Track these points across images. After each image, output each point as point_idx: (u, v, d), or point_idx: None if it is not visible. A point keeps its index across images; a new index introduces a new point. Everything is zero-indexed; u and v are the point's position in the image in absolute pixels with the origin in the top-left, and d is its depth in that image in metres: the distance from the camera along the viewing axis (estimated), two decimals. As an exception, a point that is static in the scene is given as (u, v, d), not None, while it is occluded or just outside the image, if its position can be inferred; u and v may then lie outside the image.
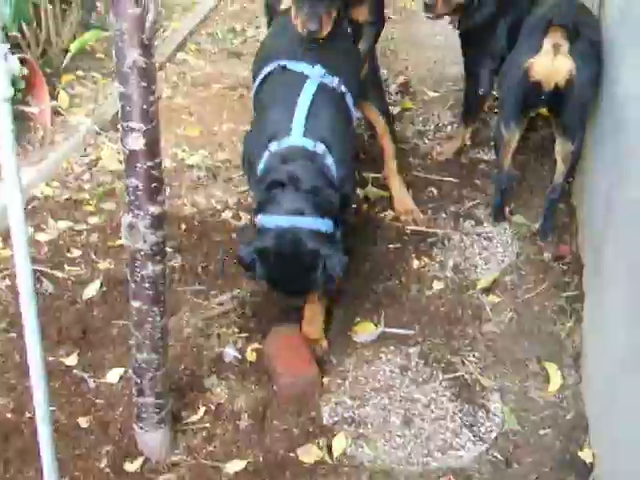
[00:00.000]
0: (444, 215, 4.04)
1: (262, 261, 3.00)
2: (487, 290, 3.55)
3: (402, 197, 4.01)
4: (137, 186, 2.39)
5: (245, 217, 4.03)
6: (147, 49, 2.22)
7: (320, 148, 3.08)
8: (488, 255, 3.76)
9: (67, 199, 4.21)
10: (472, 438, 2.86)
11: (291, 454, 2.86)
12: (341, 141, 3.17)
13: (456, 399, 3.01)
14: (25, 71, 4.35)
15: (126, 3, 2.15)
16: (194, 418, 3.00)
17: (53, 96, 4.81)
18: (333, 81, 3.30)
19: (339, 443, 2.85)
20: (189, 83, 5.44)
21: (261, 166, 3.13)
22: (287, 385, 3.06)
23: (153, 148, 2.36)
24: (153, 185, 2.40)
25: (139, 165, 2.36)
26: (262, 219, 3.04)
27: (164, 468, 2.82)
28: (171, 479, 2.77)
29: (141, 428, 2.84)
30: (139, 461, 2.84)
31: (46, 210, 4.13)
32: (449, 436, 2.87)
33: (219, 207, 4.18)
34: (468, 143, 4.58)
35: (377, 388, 3.07)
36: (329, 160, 3.09)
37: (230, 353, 3.26)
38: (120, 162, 4.44)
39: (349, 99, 3.38)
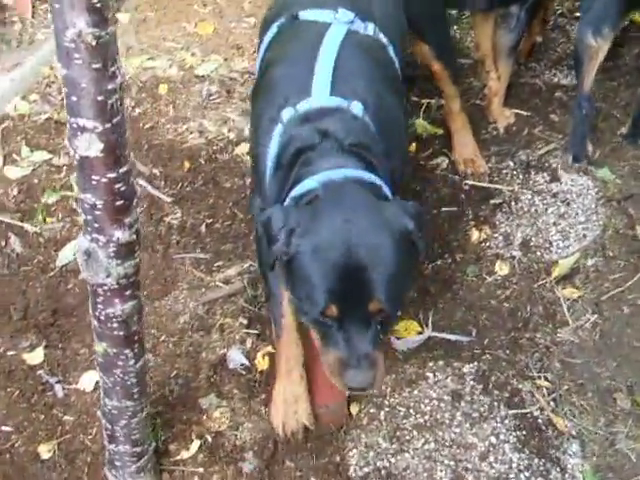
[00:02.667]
0: (511, 164, 3.23)
1: (305, 242, 1.91)
2: (564, 279, 2.79)
3: (464, 141, 3.19)
4: (94, 204, 1.63)
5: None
6: (100, 14, 1.40)
7: (356, 107, 2.17)
8: (566, 227, 2.97)
9: (47, 119, 3.44)
10: (542, 512, 2.19)
11: (306, 517, 2.22)
12: (386, 105, 2.27)
13: (522, 447, 2.32)
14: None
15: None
16: (185, 455, 2.34)
17: (35, -21, 3.93)
18: (367, 27, 2.34)
19: (369, 510, 2.20)
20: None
21: (274, 147, 2.15)
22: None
23: (117, 154, 1.58)
24: (118, 203, 1.64)
25: (96, 177, 1.59)
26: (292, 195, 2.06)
27: (142, 531, 2.19)
28: None
29: (115, 477, 2.20)
30: (112, 516, 2.22)
31: (20, 134, 3.37)
32: (512, 508, 2.20)
33: (232, 136, 3.39)
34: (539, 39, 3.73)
35: (421, 425, 2.38)
36: (370, 124, 2.19)
37: (235, 358, 2.57)
38: (115, 69, 3.64)
39: (392, 51, 2.42)
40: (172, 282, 2.80)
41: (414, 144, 3.30)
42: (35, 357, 2.58)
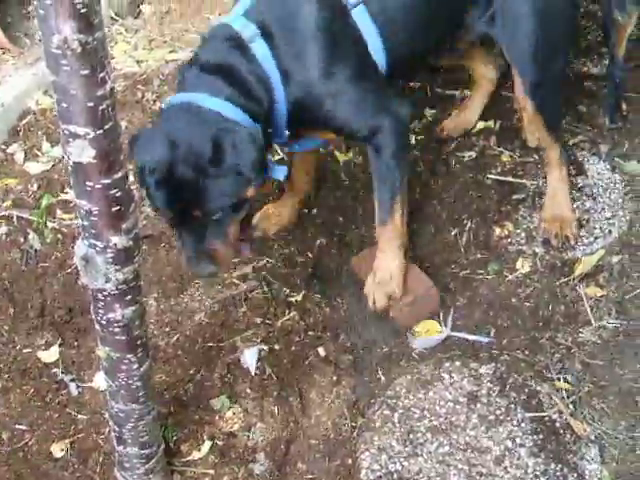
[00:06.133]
0: (535, 157, 3.14)
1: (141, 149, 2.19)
2: (587, 277, 2.71)
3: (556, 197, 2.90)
4: (90, 210, 1.61)
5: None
6: (86, 19, 1.37)
7: (247, 32, 2.28)
8: (591, 222, 2.89)
9: (68, 113, 3.42)
10: (557, 521, 2.14)
11: (316, 521, 2.20)
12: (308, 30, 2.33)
13: (539, 452, 2.27)
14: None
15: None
16: (196, 455, 2.34)
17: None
18: None
19: (379, 515, 2.17)
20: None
21: None
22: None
23: (110, 160, 1.55)
24: (114, 209, 1.62)
25: (90, 184, 1.57)
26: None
27: (151, 533, 2.18)
28: None
29: (124, 478, 2.19)
30: (121, 518, 2.21)
31: (42, 129, 3.37)
32: (526, 516, 2.15)
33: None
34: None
35: (435, 427, 2.34)
36: (260, 49, 2.28)
37: (250, 358, 2.54)
38: (138, 63, 3.64)
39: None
40: (188, 280, 2.78)
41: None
42: (50, 355, 2.59)
